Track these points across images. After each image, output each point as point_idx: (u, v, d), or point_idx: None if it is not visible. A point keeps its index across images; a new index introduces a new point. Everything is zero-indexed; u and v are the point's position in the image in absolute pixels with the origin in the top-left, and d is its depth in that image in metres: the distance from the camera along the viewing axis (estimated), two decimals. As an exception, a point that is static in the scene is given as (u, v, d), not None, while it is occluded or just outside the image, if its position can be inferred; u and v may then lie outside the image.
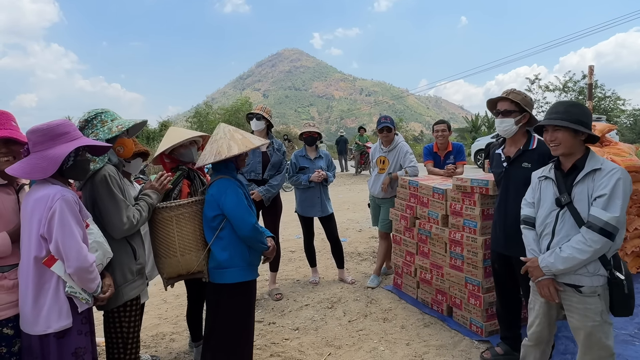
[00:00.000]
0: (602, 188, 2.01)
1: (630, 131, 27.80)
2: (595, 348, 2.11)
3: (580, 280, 2.08)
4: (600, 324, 2.07)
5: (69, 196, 1.89)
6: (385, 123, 4.48)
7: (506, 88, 2.94)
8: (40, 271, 1.86)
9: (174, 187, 2.87)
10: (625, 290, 2.02)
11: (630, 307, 2.06)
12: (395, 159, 4.49)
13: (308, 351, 3.23)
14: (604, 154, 3.96)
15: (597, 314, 2.07)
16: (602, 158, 2.14)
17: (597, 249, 1.99)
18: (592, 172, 2.08)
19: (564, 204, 2.14)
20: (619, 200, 1.97)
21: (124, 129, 2.28)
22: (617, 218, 1.96)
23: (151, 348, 3.37)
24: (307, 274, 4.93)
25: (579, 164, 2.14)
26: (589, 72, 6.15)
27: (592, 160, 2.11)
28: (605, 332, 2.09)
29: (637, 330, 3.24)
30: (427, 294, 3.88)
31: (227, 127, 2.54)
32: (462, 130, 32.71)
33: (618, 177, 2.00)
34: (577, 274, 2.09)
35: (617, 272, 2.03)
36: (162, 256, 2.46)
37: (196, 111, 27.73)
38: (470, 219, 3.33)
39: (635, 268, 4.40)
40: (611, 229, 1.97)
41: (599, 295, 2.06)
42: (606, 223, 1.97)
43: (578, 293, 2.10)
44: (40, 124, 1.93)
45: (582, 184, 2.10)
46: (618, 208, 1.97)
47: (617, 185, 1.99)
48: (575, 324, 2.14)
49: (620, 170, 2.02)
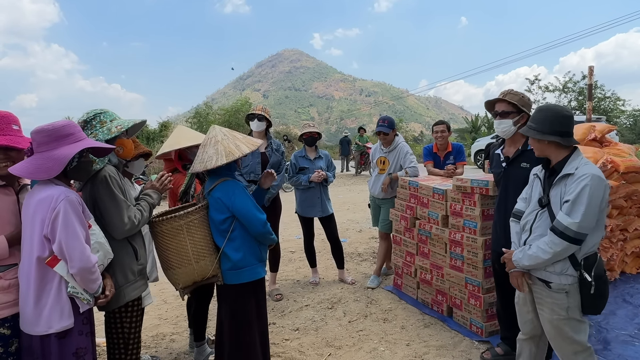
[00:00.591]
0: (569, 193, 2.08)
1: (630, 132, 27.80)
2: (568, 342, 2.18)
3: (549, 277, 2.18)
4: (565, 318, 2.15)
5: (73, 197, 1.89)
6: (381, 127, 4.49)
7: (506, 88, 2.96)
8: (43, 271, 1.86)
9: (189, 187, 2.90)
10: (592, 291, 2.08)
11: (597, 306, 2.13)
12: (396, 160, 4.51)
13: (308, 351, 3.24)
14: (604, 154, 3.97)
15: (563, 309, 2.15)
16: (583, 161, 2.15)
17: (557, 251, 2.08)
18: (565, 176, 2.14)
19: (544, 205, 2.22)
20: (582, 207, 2.01)
21: (122, 129, 2.28)
22: (578, 224, 2.01)
23: (151, 348, 3.37)
24: (307, 275, 4.93)
25: (557, 167, 2.20)
26: (588, 72, 6.16)
27: (569, 165, 2.16)
28: (573, 328, 2.16)
29: (637, 330, 3.24)
30: (427, 294, 3.88)
31: (222, 128, 2.53)
32: (462, 130, 32.70)
33: (585, 184, 2.03)
34: (547, 271, 2.18)
35: (586, 274, 2.09)
36: (176, 267, 2.40)
37: (196, 112, 27.71)
38: (471, 220, 3.33)
39: (636, 268, 4.40)
40: (572, 234, 2.03)
41: (566, 293, 2.14)
42: (566, 227, 2.04)
43: (547, 288, 2.19)
44: (45, 125, 1.94)
45: (556, 187, 2.17)
46: (579, 214, 2.01)
47: (583, 191, 2.03)
48: (544, 316, 2.24)
49: (590, 177, 2.04)
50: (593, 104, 7.74)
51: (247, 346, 2.46)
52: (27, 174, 1.89)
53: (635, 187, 4.19)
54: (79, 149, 1.91)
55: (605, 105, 26.66)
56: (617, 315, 3.43)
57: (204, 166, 2.35)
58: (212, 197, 2.43)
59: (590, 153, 3.68)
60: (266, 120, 4.10)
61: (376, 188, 4.60)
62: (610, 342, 3.08)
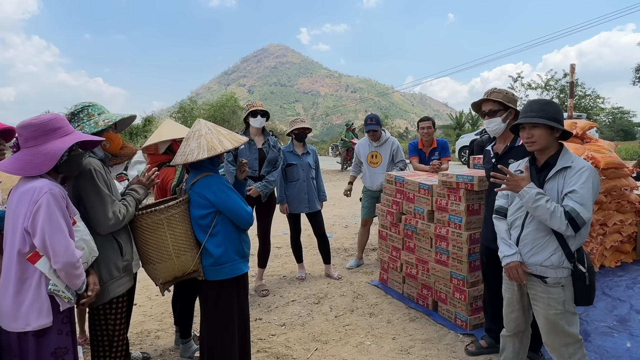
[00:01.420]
0: (572, 185, 2.10)
1: (609, 129, 28.43)
2: (561, 335, 2.21)
3: (545, 272, 2.19)
4: (562, 312, 2.18)
5: (57, 190, 1.85)
6: (371, 125, 4.74)
7: (490, 85, 3.02)
8: (23, 266, 1.81)
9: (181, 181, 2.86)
10: (587, 282, 2.13)
11: (590, 297, 2.18)
12: (389, 153, 4.78)
13: (295, 347, 3.24)
14: (585, 150, 4.05)
15: (559, 303, 2.17)
16: (574, 155, 2.20)
17: (562, 228, 2.08)
18: (563, 169, 2.16)
19: None
20: (590, 197, 2.07)
21: (110, 122, 2.24)
22: (589, 215, 2.05)
23: (136, 345, 3.33)
24: (294, 270, 4.93)
25: (551, 161, 2.22)
26: (570, 70, 6.27)
27: (563, 158, 2.19)
28: (567, 321, 2.19)
29: (616, 322, 3.33)
30: (412, 288, 3.92)
31: (207, 122, 2.48)
32: (447, 127, 33.03)
33: (588, 175, 2.08)
34: (543, 266, 2.19)
35: (580, 265, 2.14)
36: (156, 262, 2.35)
37: (180, 106, 27.37)
38: (456, 215, 3.36)
39: (614, 262, 4.52)
40: (580, 223, 2.06)
41: (562, 286, 2.17)
42: (579, 216, 2.05)
43: (543, 283, 2.21)
44: (32, 119, 1.89)
45: (552, 181, 2.19)
46: (590, 205, 2.06)
47: (587, 182, 2.07)
48: (540, 312, 2.25)
49: (590, 169, 2.10)
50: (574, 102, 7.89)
51: (225, 342, 2.44)
52: (16, 170, 1.84)
53: (614, 183, 4.29)
54: (69, 143, 1.87)
55: (586, 102, 27.22)
56: (596, 308, 3.52)
57: (184, 159, 2.31)
58: (193, 192, 2.39)
59: (571, 149, 3.75)
60: (267, 116, 4.09)
61: (374, 181, 4.78)
62: (590, 334, 3.16)
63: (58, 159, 1.84)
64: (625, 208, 4.50)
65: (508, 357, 2.50)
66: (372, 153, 4.82)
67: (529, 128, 2.23)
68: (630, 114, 31.20)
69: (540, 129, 2.19)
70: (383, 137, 4.80)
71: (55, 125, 1.90)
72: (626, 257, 4.61)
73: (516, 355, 2.48)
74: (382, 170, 4.76)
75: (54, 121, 1.90)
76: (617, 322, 3.33)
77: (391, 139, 4.87)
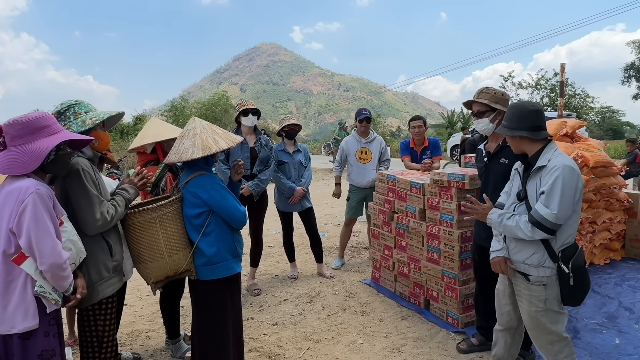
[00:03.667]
0: (543, 185, 2.11)
1: (599, 128, 28.78)
2: (545, 332, 2.23)
3: (528, 270, 2.21)
4: (543, 310, 2.19)
5: (43, 190, 1.81)
6: (366, 114, 4.80)
7: (482, 84, 3.04)
8: (8, 267, 1.78)
9: (159, 180, 2.82)
10: (571, 283, 2.11)
11: (576, 298, 2.16)
12: (378, 150, 4.84)
13: (287, 346, 3.23)
14: (575, 149, 4.09)
15: (540, 301, 2.19)
16: (556, 153, 2.18)
17: (531, 236, 2.11)
18: (539, 169, 2.18)
19: (522, 198, 2.26)
20: (557, 197, 2.04)
21: (97, 121, 2.20)
22: (555, 215, 2.03)
23: (127, 346, 3.30)
24: (286, 269, 4.92)
25: (532, 161, 2.24)
26: (560, 70, 6.32)
27: (542, 157, 2.20)
28: (550, 319, 2.20)
29: (605, 319, 3.37)
30: (404, 287, 3.93)
31: (202, 121, 2.46)
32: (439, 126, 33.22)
33: (557, 175, 2.06)
34: (526, 264, 2.22)
35: (564, 266, 2.11)
36: (148, 260, 2.33)
37: (172, 105, 27.23)
38: (447, 213, 3.38)
39: (604, 259, 4.57)
40: (548, 225, 2.06)
41: (544, 285, 2.17)
42: (543, 218, 2.06)
43: (526, 281, 2.23)
44: (19, 117, 1.85)
45: (532, 181, 2.21)
46: (556, 205, 2.04)
47: (556, 182, 2.05)
48: (523, 307, 2.28)
49: (562, 167, 2.07)
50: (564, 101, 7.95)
51: (220, 342, 2.42)
52: (2, 169, 1.80)
53: (603, 181, 4.34)
54: (56, 142, 1.84)
55: (576, 102, 27.53)
56: (586, 305, 3.55)
57: (178, 157, 2.28)
58: (186, 191, 2.36)
59: (562, 148, 3.78)
60: (258, 115, 4.08)
61: (364, 177, 4.78)
62: (580, 331, 3.19)
63: (44, 158, 1.81)
64: (614, 206, 4.56)
65: (499, 352, 2.52)
66: (362, 149, 4.83)
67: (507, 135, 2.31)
68: (619, 113, 31.64)
69: (511, 138, 2.28)
70: (372, 134, 4.88)
71: (42, 124, 1.86)
72: (615, 255, 4.67)
73: (507, 351, 2.50)
74: (373, 166, 4.78)
75: (41, 119, 1.87)
76: (606, 319, 3.37)
77: (379, 137, 4.94)
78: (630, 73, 26.32)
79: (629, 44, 26.06)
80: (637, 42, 25.58)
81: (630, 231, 4.73)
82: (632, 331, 3.16)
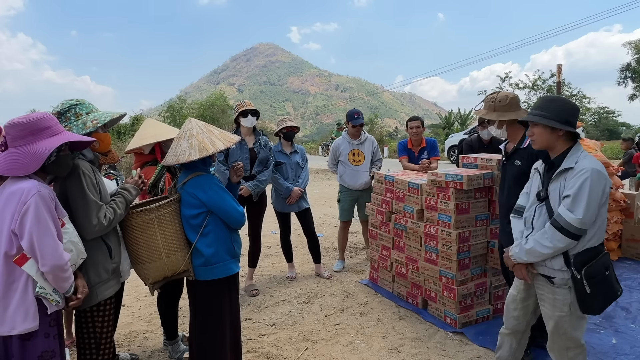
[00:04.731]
0: (569, 188, 2.02)
1: (595, 128, 28.88)
2: (563, 338, 2.16)
3: (552, 272, 2.13)
4: (567, 315, 2.10)
5: (45, 192, 1.81)
6: (359, 119, 4.74)
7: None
8: (9, 268, 1.78)
9: (158, 181, 2.81)
10: (587, 291, 2.00)
11: (592, 307, 2.05)
12: (370, 151, 4.79)
13: (285, 346, 3.23)
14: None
15: (565, 305, 2.10)
16: (583, 155, 2.10)
17: (557, 246, 2.03)
18: (565, 170, 2.08)
19: (542, 199, 2.17)
20: (583, 202, 1.97)
21: (99, 124, 2.19)
22: (580, 220, 1.96)
23: (124, 347, 3.30)
24: (284, 270, 4.92)
25: (557, 161, 2.14)
26: (557, 70, 6.37)
27: (569, 159, 2.10)
28: (572, 324, 2.12)
29: (602, 319, 3.38)
30: (402, 287, 3.94)
31: (199, 121, 2.45)
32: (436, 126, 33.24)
33: (585, 178, 1.98)
34: (548, 267, 2.13)
35: (576, 272, 2.02)
36: (146, 261, 2.32)
37: (169, 105, 27.19)
38: (445, 213, 3.38)
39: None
40: (573, 230, 1.99)
41: (569, 288, 2.08)
42: (567, 223, 1.99)
43: (550, 284, 2.15)
44: (20, 118, 1.85)
45: (555, 182, 2.12)
46: (582, 210, 1.97)
47: (583, 186, 1.97)
48: (546, 312, 2.20)
49: (590, 171, 1.99)
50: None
51: (218, 343, 2.42)
52: (3, 170, 1.80)
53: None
54: (57, 143, 1.83)
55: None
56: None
57: (176, 159, 2.28)
58: (184, 192, 2.36)
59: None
60: (257, 115, 4.08)
61: (357, 180, 4.73)
62: (577, 331, 3.20)
63: (45, 159, 1.80)
64: (610, 206, 4.58)
65: (504, 355, 2.48)
66: (354, 151, 4.77)
67: (532, 125, 2.18)
68: (615, 114, 31.77)
69: (539, 127, 2.14)
70: (363, 135, 4.82)
71: (44, 125, 1.86)
72: (612, 255, 4.69)
73: (512, 354, 2.46)
74: (365, 168, 4.74)
75: (42, 120, 1.87)
76: (603, 319, 3.38)
77: (370, 137, 4.89)
78: (627, 74, 26.42)
79: (625, 45, 26.17)
80: (633, 43, 25.69)
81: (627, 231, 4.75)
82: (628, 331, 3.18)
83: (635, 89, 26.50)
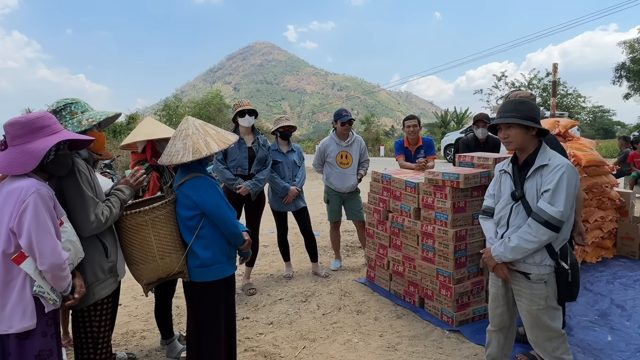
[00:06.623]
0: (547, 183, 2.12)
1: (590, 127, 29.06)
2: (543, 329, 2.25)
3: (528, 268, 2.22)
4: (544, 307, 2.20)
5: (44, 191, 1.81)
6: (348, 115, 4.61)
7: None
8: (7, 267, 1.78)
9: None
10: (569, 279, 2.14)
11: (573, 293, 2.19)
12: (358, 152, 4.70)
13: (282, 345, 3.23)
14: (567, 148, 4.13)
15: (542, 299, 2.20)
16: (552, 152, 2.22)
17: (541, 240, 2.12)
18: (540, 167, 2.18)
19: (518, 198, 2.25)
20: (563, 195, 2.07)
21: (94, 122, 2.18)
22: (562, 212, 2.06)
23: (121, 346, 3.29)
24: (281, 269, 4.92)
25: (530, 160, 2.24)
26: (553, 70, 6.38)
27: (541, 156, 2.21)
28: (550, 316, 2.22)
29: (597, 317, 3.41)
30: (399, 286, 3.95)
31: (196, 120, 2.40)
32: (432, 125, 33.34)
33: (562, 172, 2.09)
34: (526, 263, 2.22)
35: (563, 262, 2.14)
36: (140, 262, 2.31)
37: (165, 104, 27.09)
38: (442, 212, 3.39)
39: (595, 258, 4.62)
40: (555, 222, 2.08)
41: (545, 282, 2.19)
42: (550, 216, 2.08)
43: (526, 280, 2.24)
44: (19, 117, 1.85)
45: (531, 179, 2.21)
46: (562, 202, 2.06)
47: (561, 180, 2.08)
48: (523, 307, 2.29)
49: (566, 166, 2.11)
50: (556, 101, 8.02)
51: (214, 343, 2.41)
52: (1, 169, 1.80)
53: (595, 180, 4.38)
54: (54, 142, 1.83)
55: (567, 101, 27.74)
56: (578, 303, 3.60)
57: (170, 160, 2.26)
58: (180, 193, 2.33)
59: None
60: (255, 114, 4.06)
61: (345, 183, 4.65)
62: (573, 328, 3.22)
63: (42, 157, 1.80)
64: (605, 205, 4.61)
65: (493, 352, 2.54)
66: (342, 153, 4.64)
67: (505, 128, 2.27)
68: (610, 113, 31.99)
69: (514, 128, 2.23)
70: (351, 135, 4.68)
71: (42, 124, 1.86)
72: (607, 253, 4.72)
73: (501, 350, 2.52)
74: (353, 171, 4.65)
75: (41, 119, 1.86)
76: (599, 317, 3.41)
77: (358, 137, 4.77)
78: (622, 73, 26.57)
79: (620, 44, 26.32)
80: (628, 42, 25.84)
81: (622, 229, 4.79)
82: (623, 328, 3.20)
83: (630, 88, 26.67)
